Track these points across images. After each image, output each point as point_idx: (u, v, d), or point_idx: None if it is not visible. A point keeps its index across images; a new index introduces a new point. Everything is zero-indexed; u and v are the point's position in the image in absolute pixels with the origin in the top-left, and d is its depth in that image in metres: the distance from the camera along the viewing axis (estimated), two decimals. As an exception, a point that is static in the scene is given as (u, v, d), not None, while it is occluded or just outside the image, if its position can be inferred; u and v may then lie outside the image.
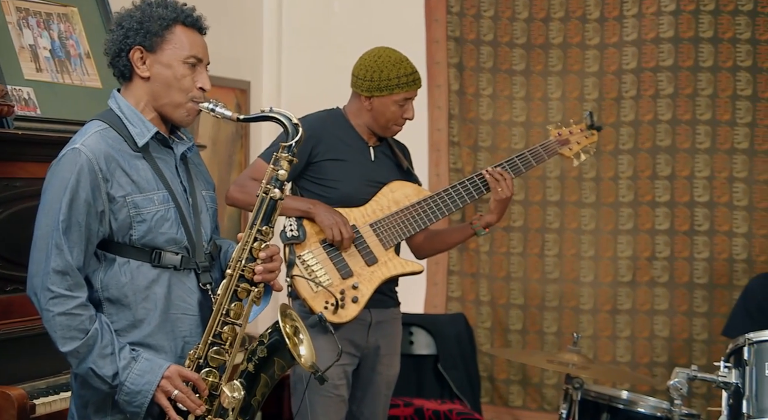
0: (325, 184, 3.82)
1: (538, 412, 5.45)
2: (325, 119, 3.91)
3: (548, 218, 5.48)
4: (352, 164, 3.86)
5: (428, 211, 3.89)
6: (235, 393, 2.73)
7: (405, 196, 3.91)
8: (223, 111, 2.78)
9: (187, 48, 2.78)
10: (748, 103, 5.17)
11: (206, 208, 2.91)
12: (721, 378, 3.55)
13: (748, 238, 5.18)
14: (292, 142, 2.79)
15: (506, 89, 5.52)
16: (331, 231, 3.71)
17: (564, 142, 4.08)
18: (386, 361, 3.95)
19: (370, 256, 3.80)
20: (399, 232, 3.85)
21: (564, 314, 5.44)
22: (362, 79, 3.82)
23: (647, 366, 5.29)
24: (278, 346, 2.75)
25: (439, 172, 5.56)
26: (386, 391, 3.98)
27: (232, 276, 2.76)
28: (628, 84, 5.32)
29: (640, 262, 5.33)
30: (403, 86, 3.81)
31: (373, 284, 3.78)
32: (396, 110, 3.83)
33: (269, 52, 5.78)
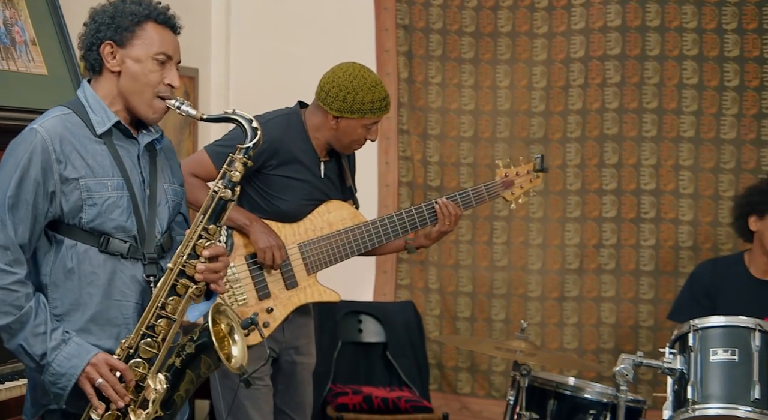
0: (268, 197, 3.74)
1: (486, 399, 5.48)
2: (285, 127, 3.76)
3: (496, 206, 5.50)
4: (300, 183, 3.76)
5: (359, 240, 3.80)
6: (158, 385, 2.72)
7: (340, 219, 3.82)
8: (188, 109, 2.80)
9: (157, 44, 2.80)
10: (694, 91, 5.22)
11: (165, 201, 2.90)
12: (666, 364, 3.59)
13: (694, 225, 5.24)
14: (249, 144, 2.79)
15: (455, 77, 5.53)
16: (264, 254, 3.65)
17: (509, 184, 4.00)
18: (305, 350, 3.92)
19: (291, 280, 3.74)
20: (326, 259, 3.77)
21: (512, 302, 5.47)
22: (333, 98, 3.68)
23: (594, 352, 5.34)
24: (206, 346, 2.74)
25: (389, 160, 5.56)
26: (309, 379, 3.96)
27: (172, 270, 2.76)
28: (576, 72, 5.35)
29: (587, 250, 5.37)
30: (376, 111, 3.70)
31: (288, 309, 3.74)
32: (362, 132, 3.73)
33: (217, 39, 5.74)
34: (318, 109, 3.76)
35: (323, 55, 4.13)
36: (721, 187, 5.21)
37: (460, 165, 5.51)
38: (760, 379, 3.44)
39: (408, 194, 5.50)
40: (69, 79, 4.03)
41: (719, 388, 3.50)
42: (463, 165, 5.51)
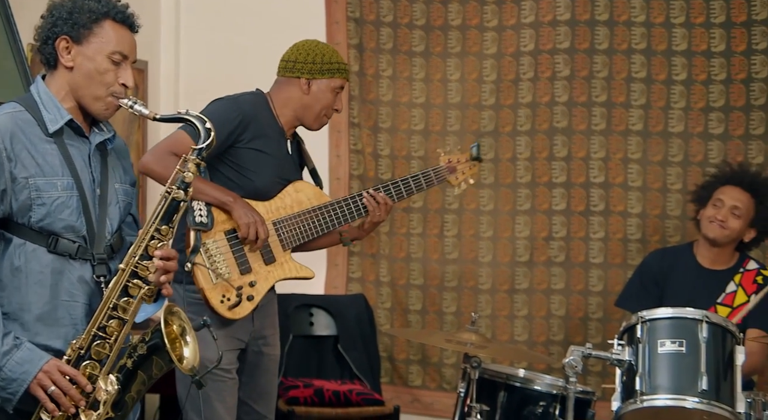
0: (242, 172, 3.78)
1: (437, 391, 5.49)
2: (254, 103, 3.84)
3: (447, 199, 5.51)
4: (271, 158, 3.82)
5: (327, 218, 3.90)
6: (109, 387, 2.71)
7: (307, 198, 3.90)
8: (141, 109, 2.78)
9: (114, 43, 2.78)
10: (642, 85, 5.26)
11: (116, 201, 2.88)
12: (614, 355, 3.62)
13: (642, 218, 5.28)
14: (203, 145, 2.78)
15: (406, 70, 5.53)
16: (248, 229, 3.68)
17: (452, 169, 4.17)
18: (271, 341, 3.95)
19: (269, 256, 3.78)
20: (299, 235, 3.84)
21: (463, 294, 5.49)
22: (303, 63, 3.81)
23: (544, 344, 5.37)
24: (158, 348, 2.72)
25: (340, 153, 5.56)
26: (274, 370, 3.98)
27: (124, 271, 2.74)
28: (526, 66, 5.37)
29: (537, 242, 5.40)
30: (342, 72, 3.87)
31: (268, 283, 3.78)
32: (331, 99, 3.86)
33: (167, 31, 5.70)
34: (285, 82, 3.87)
35: (273, 46, 4.11)
36: (669, 180, 5.25)
37: (411, 158, 5.52)
38: (708, 370, 3.48)
39: (359, 187, 5.50)
40: (17, 71, 3.99)
41: (667, 379, 3.53)
42: (414, 158, 5.52)
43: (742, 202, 4.45)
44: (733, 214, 4.44)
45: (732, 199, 4.46)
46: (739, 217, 4.44)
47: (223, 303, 3.64)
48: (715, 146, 5.19)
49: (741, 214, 4.44)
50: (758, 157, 5.13)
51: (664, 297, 4.51)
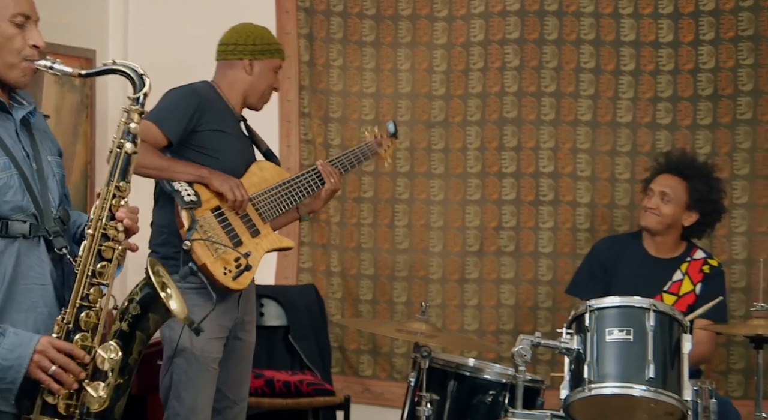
0: (208, 153, 3.84)
1: (387, 381, 5.50)
2: (205, 89, 3.93)
3: (398, 189, 5.52)
4: (232, 137, 3.93)
5: (293, 191, 4.00)
6: (113, 354, 2.66)
7: (271, 176, 4.00)
8: (62, 67, 2.70)
9: (12, 5, 2.68)
10: (591, 75, 5.29)
11: (53, 174, 2.82)
12: (563, 344, 3.64)
13: (591, 207, 5.31)
14: (140, 93, 2.73)
15: (356, 60, 5.52)
16: (232, 192, 3.76)
17: (379, 143, 4.41)
18: (249, 328, 4.03)
19: (253, 229, 3.86)
20: (274, 208, 3.94)
21: (413, 284, 5.50)
22: (244, 45, 3.93)
23: (494, 334, 5.40)
24: (151, 301, 2.69)
25: (290, 143, 5.54)
26: (249, 358, 4.03)
27: (94, 236, 2.68)
28: (476, 56, 5.38)
29: (487, 232, 5.42)
30: (280, 52, 4.02)
31: (259, 255, 3.88)
32: (273, 78, 3.99)
33: (115, 19, 5.65)
34: (228, 66, 3.97)
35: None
36: (617, 169, 5.29)
37: (362, 148, 5.51)
38: (655, 358, 3.51)
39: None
40: None
41: (615, 367, 3.56)
42: (365, 148, 5.52)
43: (670, 187, 4.51)
44: (663, 200, 4.51)
45: (660, 186, 4.53)
46: (669, 202, 4.50)
47: (226, 275, 3.70)
48: (662, 136, 5.24)
49: (670, 198, 4.50)
50: (705, 147, 5.18)
51: (612, 284, 4.56)
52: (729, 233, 5.14)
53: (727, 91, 5.17)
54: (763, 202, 5.15)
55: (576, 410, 3.58)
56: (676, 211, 4.51)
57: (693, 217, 4.55)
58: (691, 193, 4.52)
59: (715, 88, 5.18)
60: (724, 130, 5.18)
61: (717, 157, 5.12)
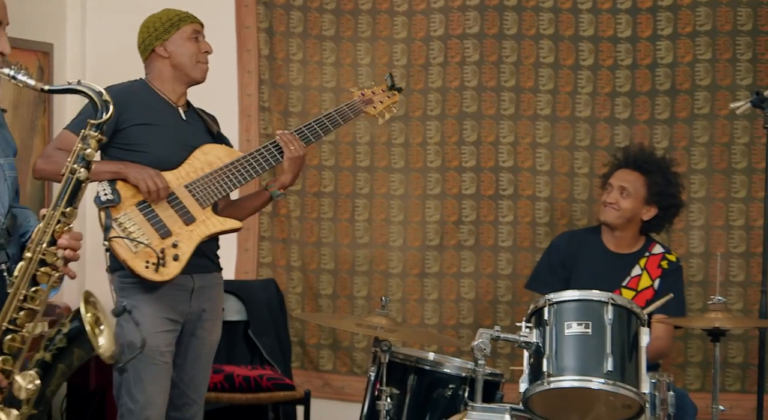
0: (135, 149, 3.80)
1: (348, 375, 5.50)
2: (129, 88, 3.91)
3: (358, 183, 5.52)
4: (162, 127, 3.86)
5: (242, 170, 3.91)
6: (30, 384, 2.60)
7: (218, 158, 3.92)
8: (25, 79, 2.64)
9: None
10: (550, 70, 5.32)
11: (4, 178, 2.76)
12: (522, 338, 3.65)
13: (550, 201, 5.34)
14: (102, 119, 2.68)
15: (316, 54, 5.51)
16: (146, 183, 3.69)
17: (368, 101, 4.24)
18: (208, 326, 3.95)
19: (187, 216, 3.79)
20: (215, 192, 3.86)
21: (374, 278, 5.51)
22: (148, 37, 3.93)
23: (454, 328, 5.41)
24: (78, 335, 2.65)
25: (250, 137, 5.52)
26: (208, 356, 3.99)
27: (31, 259, 2.62)
28: (436, 51, 5.39)
29: (447, 227, 5.43)
30: (185, 19, 3.95)
31: (193, 242, 3.77)
32: (193, 46, 3.93)
33: (73, 12, 5.60)
34: (149, 63, 3.96)
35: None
36: (576, 164, 5.32)
37: (322, 142, 5.50)
38: (613, 351, 3.52)
39: (270, 171, 5.47)
40: None
41: (573, 360, 3.57)
42: (325, 142, 5.51)
43: (628, 182, 4.54)
44: (622, 195, 4.53)
45: (620, 180, 4.55)
46: (628, 197, 4.53)
47: (148, 268, 3.65)
48: (621, 131, 5.27)
49: (629, 193, 4.53)
50: (663, 142, 5.22)
51: (571, 279, 4.58)
52: (686, 227, 5.19)
53: (685, 86, 5.21)
54: (720, 196, 5.20)
55: (535, 403, 3.60)
56: (635, 206, 4.54)
57: (652, 212, 4.58)
58: (649, 187, 4.55)
59: (673, 83, 5.22)
60: (682, 125, 5.22)
61: (675, 151, 5.16)
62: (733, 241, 5.18)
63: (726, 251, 5.14)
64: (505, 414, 3.57)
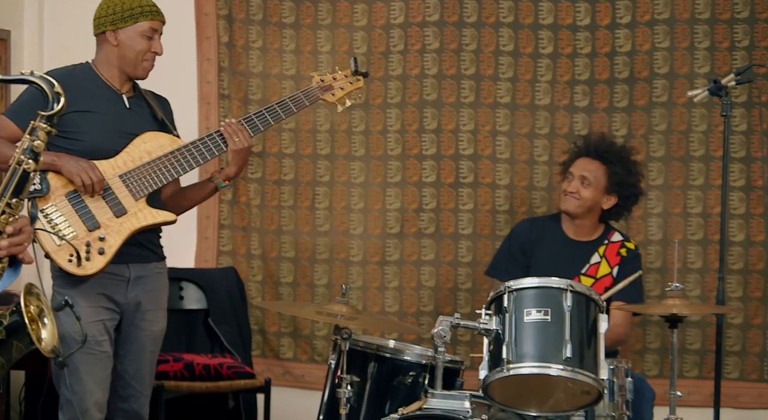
0: (71, 136, 3.71)
1: (308, 363, 5.50)
2: (71, 72, 3.82)
3: (319, 171, 5.51)
4: (101, 115, 3.78)
5: (182, 160, 3.82)
6: None
7: (159, 147, 3.83)
8: None
9: None
10: (510, 58, 5.33)
11: None
12: (482, 325, 3.67)
13: (510, 189, 5.35)
14: (52, 111, 2.65)
15: (276, 42, 5.50)
16: (79, 177, 3.63)
17: (327, 87, 4.13)
18: (150, 316, 3.89)
19: (118, 207, 3.72)
20: (150, 183, 3.77)
21: (334, 266, 5.50)
22: (104, 16, 3.82)
23: (414, 315, 5.42)
24: (17, 328, 2.61)
25: (209, 125, 5.49)
26: (152, 347, 3.93)
27: None
28: (396, 38, 5.39)
29: (407, 214, 5.44)
30: (147, 14, 3.82)
31: (122, 235, 3.71)
32: (144, 43, 3.82)
33: None
34: (98, 42, 3.87)
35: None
36: (536, 151, 5.34)
37: (282, 130, 5.49)
38: (572, 338, 3.55)
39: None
40: None
41: (533, 347, 3.59)
42: (285, 130, 5.50)
43: (589, 171, 4.55)
44: (583, 184, 4.55)
45: (580, 170, 4.57)
46: (589, 186, 4.55)
47: (71, 262, 3.60)
48: (580, 119, 5.30)
49: (590, 182, 4.55)
50: (622, 130, 5.25)
51: (531, 266, 4.59)
52: (645, 214, 5.22)
53: (643, 74, 5.24)
54: (677, 183, 5.24)
55: (495, 390, 3.62)
56: (595, 195, 4.56)
57: (612, 201, 4.60)
58: (610, 177, 4.57)
59: (632, 71, 5.25)
60: (640, 113, 5.26)
61: (633, 139, 5.20)
62: (691, 228, 5.22)
63: (684, 238, 5.18)
64: (465, 401, 3.59)
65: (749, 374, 5.18)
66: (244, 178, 5.48)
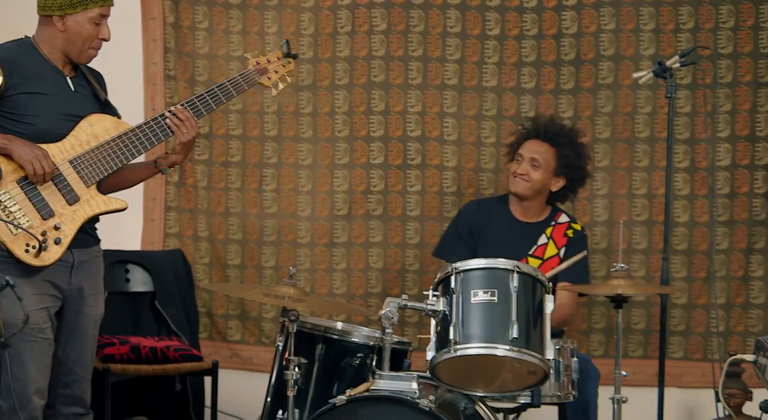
0: (20, 119, 3.64)
1: (256, 345, 5.49)
2: (15, 50, 3.73)
3: (266, 153, 5.49)
4: (50, 98, 3.70)
5: (129, 145, 3.76)
6: None
7: (105, 130, 3.76)
8: None
9: None
10: (457, 40, 5.34)
11: None
12: (429, 306, 3.69)
13: (458, 171, 5.37)
14: None
15: (223, 23, 5.46)
16: (32, 165, 3.55)
17: (262, 71, 4.08)
18: (91, 301, 3.85)
19: (71, 195, 3.66)
20: (100, 168, 3.71)
21: (282, 248, 5.49)
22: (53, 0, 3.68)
23: (362, 297, 5.43)
24: None
25: (155, 106, 5.45)
26: (93, 331, 3.89)
27: None
28: (343, 20, 5.37)
29: (355, 196, 5.44)
30: (98, 1, 3.71)
31: (76, 224, 3.66)
32: (92, 29, 3.73)
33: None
34: (43, 22, 3.75)
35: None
36: (483, 133, 5.35)
37: (230, 112, 5.46)
38: (518, 318, 3.58)
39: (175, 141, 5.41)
40: None
41: (479, 328, 3.62)
42: (232, 112, 5.47)
43: (539, 154, 4.58)
44: (533, 166, 4.57)
45: (530, 152, 4.59)
46: (538, 168, 4.57)
47: (29, 252, 3.54)
48: (527, 100, 5.32)
49: (540, 164, 4.57)
50: (568, 111, 5.28)
51: (478, 247, 4.62)
52: (591, 196, 5.26)
53: (589, 55, 5.27)
54: (623, 165, 5.28)
55: (442, 371, 3.64)
56: (545, 177, 4.59)
57: (560, 183, 4.63)
58: (559, 159, 4.60)
59: (578, 53, 5.28)
60: (586, 95, 5.29)
61: (579, 121, 5.23)
62: (636, 209, 5.27)
63: (629, 219, 5.23)
64: (413, 382, 3.60)
65: (693, 354, 5.25)
66: (191, 160, 5.44)
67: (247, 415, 5.31)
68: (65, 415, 3.85)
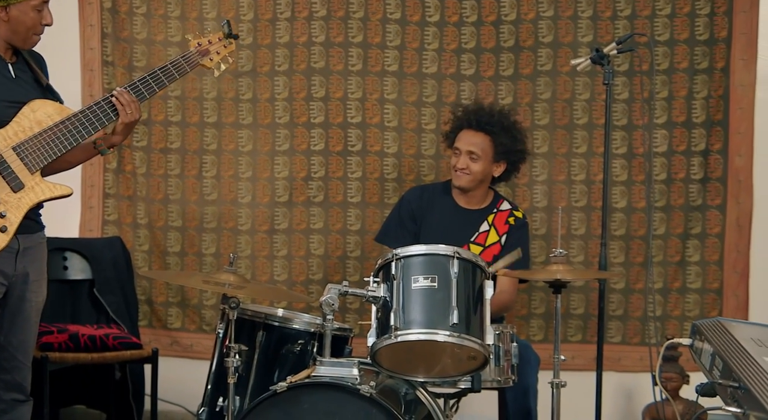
0: None
1: (196, 333, 5.48)
2: None
3: (206, 139, 5.46)
4: None
5: (73, 130, 3.72)
6: None
7: (47, 116, 3.72)
8: None
9: None
10: (397, 26, 5.34)
11: None
12: (370, 292, 3.68)
13: (398, 157, 5.38)
14: None
15: (161, 8, 5.42)
16: None
17: (204, 52, 4.04)
18: (35, 287, 3.82)
19: (16, 182, 3.62)
20: (44, 154, 3.67)
21: (222, 235, 5.48)
22: None
23: (303, 284, 5.43)
24: None
25: (93, 92, 5.40)
26: (35, 317, 3.86)
27: None
28: (283, 5, 5.36)
29: (296, 183, 5.43)
30: None
31: (21, 211, 3.62)
32: (35, 17, 3.69)
33: None
34: None
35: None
36: (423, 120, 5.37)
37: (168, 98, 5.43)
38: (458, 304, 3.58)
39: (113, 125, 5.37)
40: None
41: (420, 314, 3.62)
42: (171, 98, 5.44)
43: (475, 145, 4.58)
44: (471, 159, 4.57)
45: (467, 145, 4.58)
46: (477, 160, 4.57)
47: None
48: (467, 87, 5.34)
49: (478, 156, 4.57)
50: (507, 98, 5.31)
51: (421, 234, 4.62)
52: (530, 182, 5.30)
53: (528, 42, 5.30)
54: (562, 151, 5.32)
55: (383, 357, 3.64)
56: (485, 167, 4.59)
57: (501, 168, 4.64)
58: (496, 147, 4.59)
59: (517, 40, 5.30)
60: (526, 81, 5.32)
61: (518, 107, 5.26)
62: (575, 195, 5.32)
63: (567, 205, 5.28)
64: (353, 368, 3.60)
65: (631, 338, 5.32)
66: (130, 146, 5.41)
67: (188, 402, 5.29)
68: (5, 401, 3.81)
